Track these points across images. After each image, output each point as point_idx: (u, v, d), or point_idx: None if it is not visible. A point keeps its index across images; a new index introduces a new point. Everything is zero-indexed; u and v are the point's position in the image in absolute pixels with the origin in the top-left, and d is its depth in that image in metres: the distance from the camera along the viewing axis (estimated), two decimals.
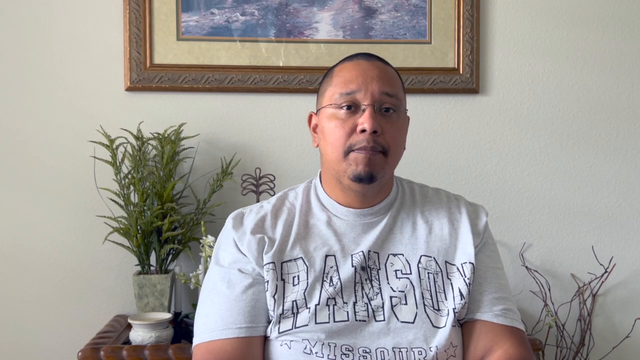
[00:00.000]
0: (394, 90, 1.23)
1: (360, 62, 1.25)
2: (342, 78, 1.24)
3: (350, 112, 1.21)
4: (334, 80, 1.25)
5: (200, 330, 1.20)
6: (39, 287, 2.03)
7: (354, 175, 1.20)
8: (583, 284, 2.16)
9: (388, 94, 1.22)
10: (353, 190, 1.24)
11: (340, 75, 1.25)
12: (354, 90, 1.21)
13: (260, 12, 2.06)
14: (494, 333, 1.20)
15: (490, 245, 1.30)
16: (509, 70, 2.14)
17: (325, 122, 1.24)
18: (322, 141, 1.26)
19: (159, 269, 1.91)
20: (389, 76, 1.24)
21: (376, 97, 1.21)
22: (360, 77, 1.22)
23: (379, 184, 1.23)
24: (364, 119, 1.19)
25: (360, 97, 1.21)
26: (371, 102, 1.20)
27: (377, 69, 1.24)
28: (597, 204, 2.17)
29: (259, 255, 1.22)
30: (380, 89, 1.21)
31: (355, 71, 1.23)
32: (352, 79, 1.22)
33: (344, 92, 1.22)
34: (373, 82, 1.22)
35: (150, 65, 2.03)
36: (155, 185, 1.89)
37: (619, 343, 2.15)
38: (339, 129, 1.21)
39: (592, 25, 2.16)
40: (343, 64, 1.27)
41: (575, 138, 2.17)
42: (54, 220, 2.03)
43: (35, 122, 2.02)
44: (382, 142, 1.20)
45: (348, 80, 1.23)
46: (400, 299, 1.19)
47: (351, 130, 1.20)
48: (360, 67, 1.24)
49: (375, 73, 1.23)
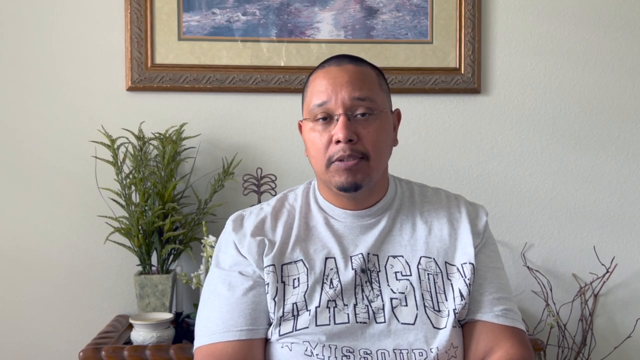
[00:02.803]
0: (367, 92, 1.21)
1: (329, 70, 1.23)
2: (315, 88, 1.22)
3: (325, 123, 1.20)
4: (308, 91, 1.25)
5: (201, 333, 1.20)
6: (40, 287, 2.03)
7: (337, 186, 1.20)
8: (585, 284, 2.15)
9: (360, 99, 1.20)
10: (343, 196, 1.24)
11: (313, 85, 1.23)
12: (325, 100, 1.20)
13: (262, 12, 2.06)
14: (495, 333, 1.20)
15: (490, 245, 1.30)
16: (511, 70, 2.14)
17: (307, 135, 1.24)
18: (308, 152, 1.26)
19: (160, 269, 1.91)
20: (360, 78, 1.22)
21: (347, 104, 1.19)
22: (329, 86, 1.20)
23: (367, 188, 1.23)
24: (337, 129, 1.18)
25: (332, 106, 1.20)
26: (343, 111, 1.19)
27: (346, 74, 1.21)
28: (598, 204, 2.17)
29: (260, 257, 1.22)
30: (351, 95, 1.19)
31: (325, 80, 1.21)
32: (322, 89, 1.21)
33: (316, 103, 1.21)
34: (342, 89, 1.20)
35: (152, 65, 2.03)
36: (156, 185, 1.89)
37: (621, 343, 2.15)
38: (318, 141, 1.21)
39: (594, 25, 2.15)
40: (316, 72, 1.25)
41: (576, 138, 2.16)
42: (55, 220, 2.03)
43: (37, 122, 2.02)
44: (360, 149, 1.19)
45: (319, 91, 1.21)
46: (400, 301, 1.19)
47: (328, 142, 1.20)
48: (329, 75, 1.22)
49: (344, 79, 1.20)
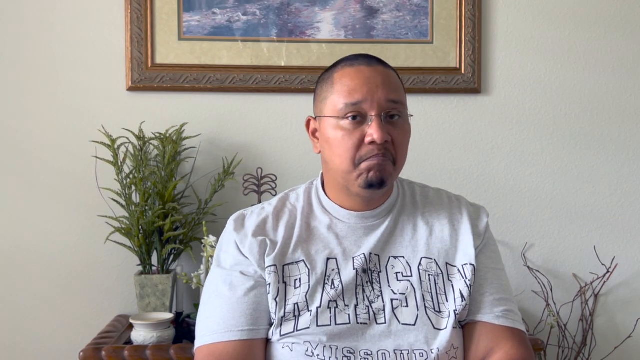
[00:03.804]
0: (399, 96, 1.21)
1: (362, 69, 1.21)
2: (346, 87, 1.20)
3: (356, 122, 1.19)
4: (336, 88, 1.22)
5: (202, 333, 1.20)
6: (40, 287, 2.03)
7: (365, 182, 1.19)
8: (585, 284, 2.15)
9: (394, 101, 1.20)
10: (361, 197, 1.23)
11: (343, 83, 1.21)
12: (359, 100, 1.19)
13: (262, 12, 2.06)
14: (495, 334, 1.20)
15: (491, 246, 1.30)
16: (511, 70, 2.14)
17: (331, 132, 1.21)
18: (328, 151, 1.23)
19: (161, 269, 1.91)
20: (392, 81, 1.22)
21: (383, 106, 1.19)
22: (365, 86, 1.19)
23: (386, 188, 1.23)
24: (373, 131, 1.17)
25: (367, 107, 1.19)
26: (378, 112, 1.18)
27: (380, 75, 1.21)
28: (599, 204, 2.17)
29: (261, 257, 1.22)
30: (386, 97, 1.19)
31: (359, 79, 1.20)
32: (356, 88, 1.19)
33: (349, 102, 1.19)
34: (378, 90, 1.19)
35: (152, 65, 2.03)
36: (156, 185, 1.89)
37: (621, 343, 2.15)
38: (346, 140, 1.19)
39: (594, 25, 2.15)
40: (344, 69, 1.23)
41: (577, 138, 2.16)
42: (55, 220, 2.03)
43: (37, 122, 2.02)
44: (392, 151, 1.20)
45: (352, 90, 1.19)
46: (401, 302, 1.19)
47: (359, 141, 1.18)
48: (363, 75, 1.20)
49: (379, 80, 1.20)
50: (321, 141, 1.26)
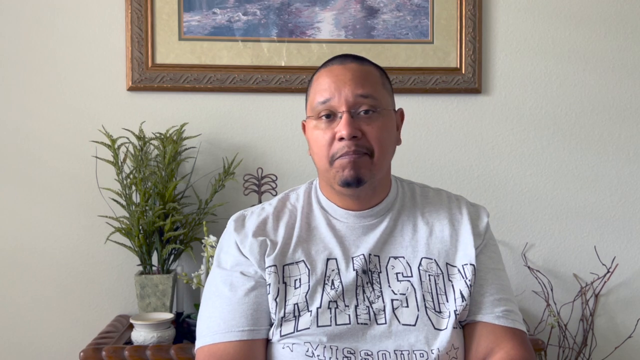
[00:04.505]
0: (370, 90, 1.22)
1: (333, 68, 1.24)
2: (318, 87, 1.24)
3: (329, 120, 1.21)
4: (312, 89, 1.26)
5: (202, 333, 1.20)
6: (40, 287, 2.03)
7: (341, 180, 1.20)
8: (585, 284, 2.15)
9: (363, 96, 1.21)
10: (346, 195, 1.24)
11: (317, 83, 1.25)
12: (328, 98, 1.21)
13: (262, 11, 2.06)
14: (495, 335, 1.20)
15: (491, 246, 1.30)
16: (511, 70, 2.14)
17: (310, 133, 1.25)
18: (311, 150, 1.26)
19: (161, 269, 1.91)
20: (363, 77, 1.23)
21: (350, 101, 1.20)
22: (332, 84, 1.22)
23: (370, 185, 1.23)
24: (341, 127, 1.19)
25: (335, 104, 1.21)
26: (346, 108, 1.20)
27: (349, 72, 1.22)
28: (599, 204, 2.17)
29: (261, 258, 1.22)
30: (354, 92, 1.20)
31: (328, 78, 1.23)
32: (325, 87, 1.22)
33: (319, 101, 1.22)
34: (345, 86, 1.21)
35: (152, 65, 2.03)
36: (157, 185, 1.89)
37: (622, 343, 2.15)
38: (321, 138, 1.21)
39: (595, 25, 2.15)
40: (320, 71, 1.27)
41: (577, 138, 2.16)
42: (55, 220, 2.03)
43: (37, 122, 2.02)
44: (365, 144, 1.20)
45: (322, 89, 1.22)
46: (401, 302, 1.19)
47: (332, 139, 1.20)
48: (332, 73, 1.23)
49: (347, 77, 1.22)
50: (309, 142, 1.28)
